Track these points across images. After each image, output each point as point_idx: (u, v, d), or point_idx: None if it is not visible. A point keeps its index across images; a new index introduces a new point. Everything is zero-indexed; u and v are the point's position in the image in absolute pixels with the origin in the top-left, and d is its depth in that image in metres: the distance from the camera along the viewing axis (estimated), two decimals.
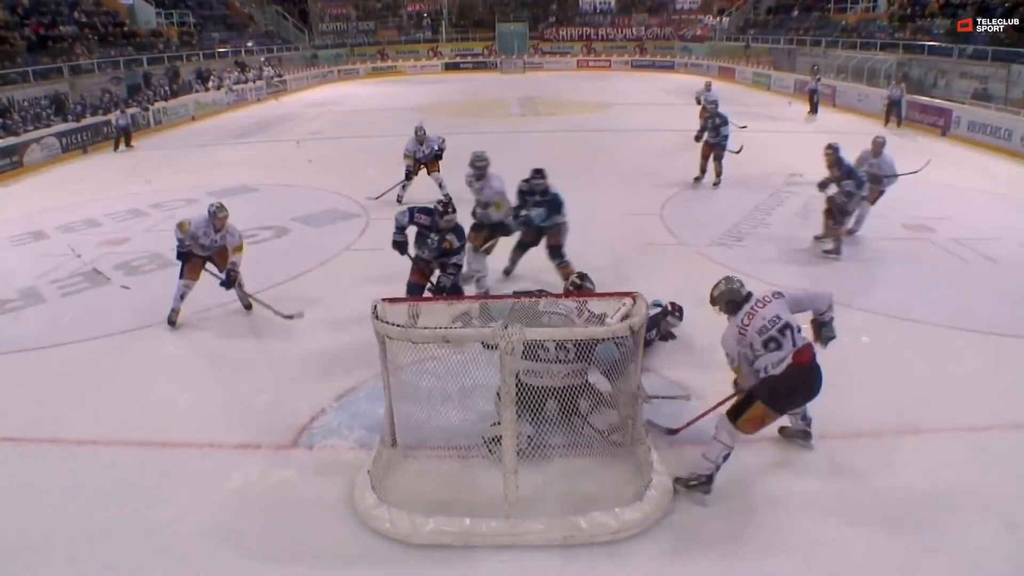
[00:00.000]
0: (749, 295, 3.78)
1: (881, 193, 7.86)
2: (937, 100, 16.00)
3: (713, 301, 3.86)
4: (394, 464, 3.91)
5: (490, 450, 3.90)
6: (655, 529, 3.47)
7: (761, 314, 3.65)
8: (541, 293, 4.44)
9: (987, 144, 13.33)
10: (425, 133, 9.52)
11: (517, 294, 4.50)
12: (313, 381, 4.96)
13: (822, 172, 7.37)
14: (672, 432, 4.21)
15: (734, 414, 3.64)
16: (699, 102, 14.81)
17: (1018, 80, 15.06)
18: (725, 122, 10.25)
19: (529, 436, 3.79)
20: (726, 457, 3.65)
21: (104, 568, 3.37)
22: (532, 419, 3.86)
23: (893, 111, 15.55)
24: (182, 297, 5.93)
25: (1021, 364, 5.15)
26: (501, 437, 3.76)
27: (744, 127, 14.02)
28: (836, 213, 7.22)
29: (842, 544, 3.41)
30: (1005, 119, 13.36)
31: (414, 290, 5.51)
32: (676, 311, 5.42)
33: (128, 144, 15.36)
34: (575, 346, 3.87)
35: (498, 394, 3.84)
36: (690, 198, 9.86)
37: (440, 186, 9.29)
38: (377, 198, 9.64)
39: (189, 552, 3.45)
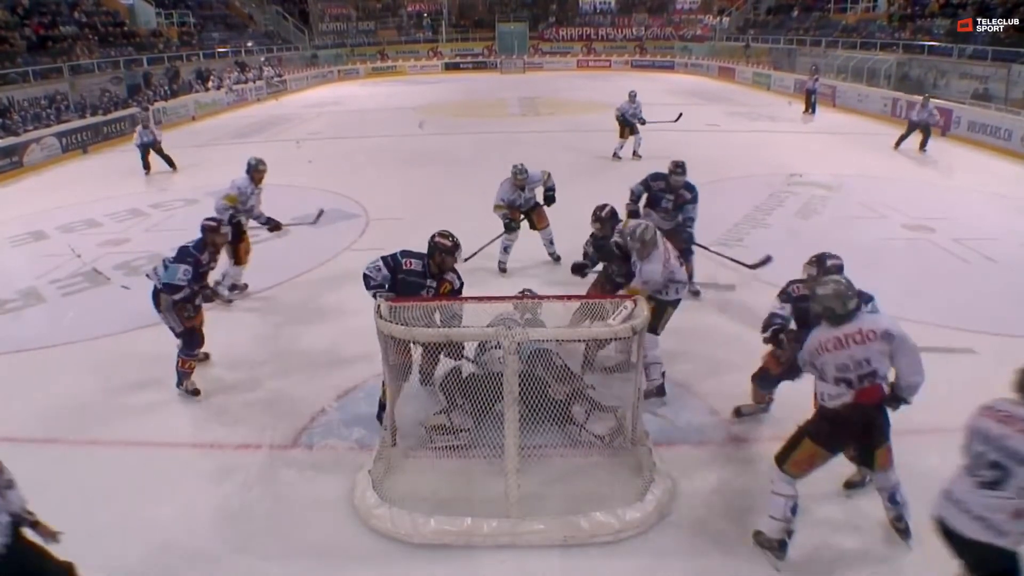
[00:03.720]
0: (853, 313, 3.12)
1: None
2: (937, 100, 15.98)
3: (812, 298, 3.24)
4: (395, 464, 3.91)
5: (431, 439, 3.98)
6: (655, 529, 3.47)
7: (851, 352, 3.07)
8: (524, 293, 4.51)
9: (987, 144, 13.32)
10: (527, 175, 6.65)
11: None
12: (313, 381, 4.96)
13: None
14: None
15: (781, 457, 3.25)
16: (622, 122, 11.80)
17: (1018, 80, 15.06)
18: (696, 198, 5.85)
19: (469, 430, 3.85)
20: (794, 510, 3.19)
21: (104, 568, 3.37)
22: (476, 412, 3.73)
23: (923, 131, 12.74)
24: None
25: (1021, 364, 5.13)
26: (442, 426, 3.99)
27: (679, 117, 12.45)
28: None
29: (842, 543, 3.41)
30: (1005, 119, 13.35)
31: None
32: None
33: (164, 157, 12.25)
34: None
35: (440, 383, 4.07)
36: None
37: (549, 244, 7.00)
38: (467, 259, 6.29)
39: (189, 552, 3.46)
